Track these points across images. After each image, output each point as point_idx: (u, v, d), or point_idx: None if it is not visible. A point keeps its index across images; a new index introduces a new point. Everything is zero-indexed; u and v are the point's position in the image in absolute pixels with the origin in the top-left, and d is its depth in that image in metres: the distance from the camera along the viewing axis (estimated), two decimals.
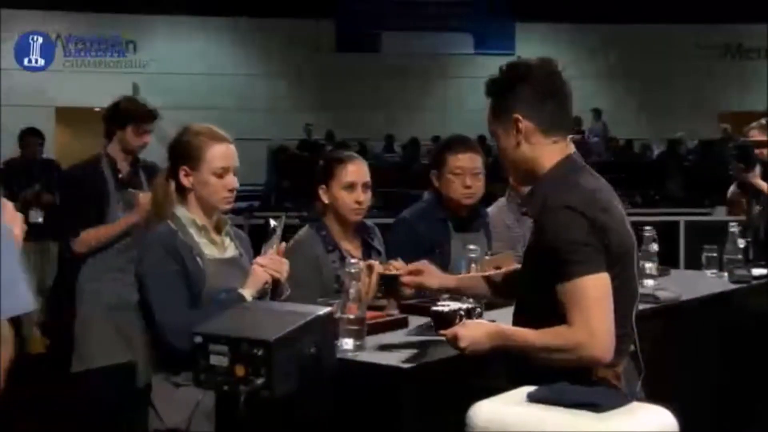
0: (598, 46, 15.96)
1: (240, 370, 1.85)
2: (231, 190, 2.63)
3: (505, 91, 2.16)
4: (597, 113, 15.08)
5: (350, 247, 3.07)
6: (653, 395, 1.99)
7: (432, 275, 2.49)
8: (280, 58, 15.81)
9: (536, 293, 2.08)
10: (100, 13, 14.38)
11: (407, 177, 11.64)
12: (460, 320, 2.18)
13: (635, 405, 1.92)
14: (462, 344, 2.11)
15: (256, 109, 15.29)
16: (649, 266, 3.52)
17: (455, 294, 2.49)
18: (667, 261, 4.33)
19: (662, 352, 2.99)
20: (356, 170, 3.05)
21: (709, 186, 10.17)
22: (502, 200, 3.89)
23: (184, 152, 2.64)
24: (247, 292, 2.47)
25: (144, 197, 3.72)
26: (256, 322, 1.96)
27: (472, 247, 2.80)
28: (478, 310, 2.29)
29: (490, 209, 3.80)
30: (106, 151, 3.90)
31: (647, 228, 3.75)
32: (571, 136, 2.17)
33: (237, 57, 16.04)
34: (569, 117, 2.20)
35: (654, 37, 15.61)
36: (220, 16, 15.51)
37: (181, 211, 2.64)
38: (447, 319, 2.20)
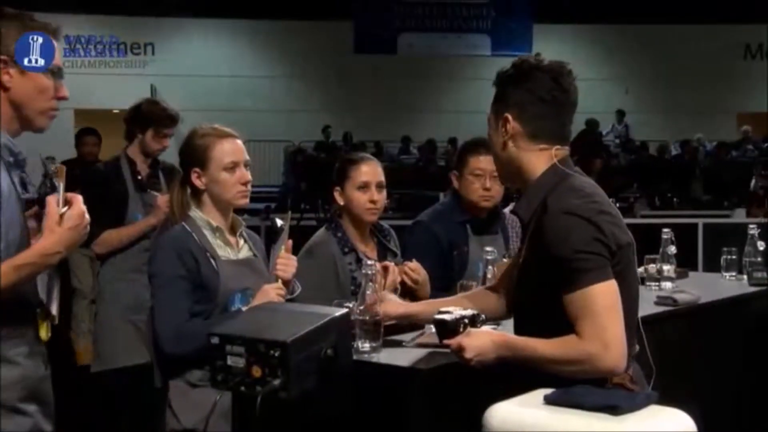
0: (617, 47, 15.89)
1: (257, 371, 1.86)
2: (245, 184, 2.64)
3: (505, 86, 2.10)
4: (620, 114, 14.98)
5: (366, 249, 3.07)
6: (672, 398, 1.98)
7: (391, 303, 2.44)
8: (298, 60, 15.85)
9: (539, 303, 1.99)
10: (119, 16, 14.50)
11: (424, 178, 11.65)
12: (464, 329, 2.07)
13: (654, 408, 1.91)
14: (468, 355, 2.02)
15: (275, 111, 15.35)
16: (667, 268, 3.50)
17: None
18: (686, 263, 4.30)
19: (681, 354, 2.98)
20: (369, 170, 3.05)
21: (728, 188, 10.12)
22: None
23: (193, 155, 2.66)
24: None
25: (162, 199, 3.74)
26: (273, 323, 1.97)
27: (489, 249, 2.79)
28: (483, 317, 2.15)
29: (506, 209, 3.79)
30: (126, 152, 3.93)
31: (665, 230, 3.73)
32: (557, 147, 2.07)
33: (255, 59, 16.10)
34: (564, 126, 2.11)
35: (674, 37, 15.52)
36: (238, 19, 15.58)
37: (195, 213, 2.65)
38: (450, 328, 2.08)
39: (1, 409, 1.84)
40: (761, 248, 3.83)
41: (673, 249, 3.57)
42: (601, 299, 1.89)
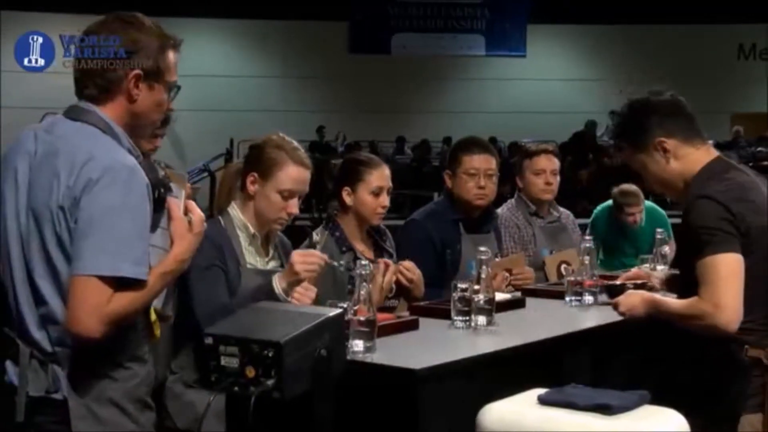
0: (610, 47, 15.92)
1: (250, 372, 1.85)
2: (289, 214, 2.62)
3: (637, 128, 2.47)
4: (614, 115, 15.02)
5: (363, 248, 3.08)
6: (664, 398, 1.99)
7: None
8: (292, 60, 15.84)
9: (685, 269, 2.38)
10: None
11: (418, 178, 11.65)
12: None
13: (647, 407, 1.92)
14: (621, 309, 2.54)
15: (269, 111, 15.32)
16: (661, 268, 3.49)
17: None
18: None
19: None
20: (384, 175, 3.06)
21: None
22: (511, 201, 3.90)
23: (260, 161, 2.62)
24: (279, 282, 2.47)
25: None
26: (267, 323, 1.96)
27: (483, 248, 2.80)
28: (649, 284, 2.86)
29: (500, 210, 3.81)
30: None
31: (659, 230, 3.74)
32: (710, 142, 2.48)
33: (249, 59, 16.08)
34: (698, 126, 2.48)
35: (667, 37, 15.55)
36: (232, 18, 15.56)
37: (235, 212, 2.64)
38: (617, 290, 2.79)
39: (138, 404, 1.91)
40: None
41: (666, 249, 3.58)
42: (721, 267, 2.20)
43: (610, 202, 5.14)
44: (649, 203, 5.14)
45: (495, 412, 1.90)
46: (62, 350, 1.83)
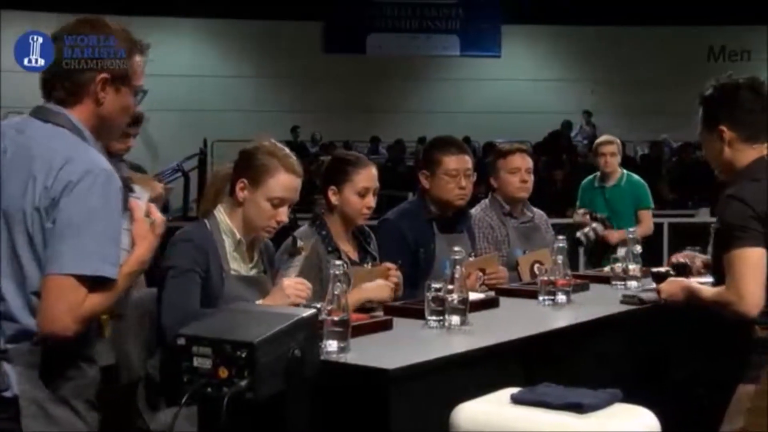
0: (584, 48, 16.02)
1: (223, 372, 1.85)
2: (278, 222, 2.58)
3: (714, 107, 2.66)
4: (588, 115, 15.13)
5: (348, 249, 3.06)
6: (635, 396, 2.01)
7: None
8: (266, 60, 15.77)
9: (716, 261, 2.64)
10: (79, 14, 14.29)
11: (393, 178, 11.64)
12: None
13: (618, 406, 1.93)
14: (663, 296, 2.87)
15: (243, 111, 15.24)
16: (633, 267, 3.53)
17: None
18: (652, 262, 4.35)
19: (647, 352, 3.01)
20: (371, 176, 3.04)
21: (693, 187, 10.25)
22: (485, 202, 3.92)
23: (250, 167, 2.57)
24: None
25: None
26: (240, 324, 1.96)
27: (457, 249, 2.81)
28: (692, 266, 3.13)
29: (474, 210, 3.83)
30: None
31: (630, 230, 3.77)
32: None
33: (222, 59, 15.99)
34: (764, 127, 2.64)
35: (639, 39, 15.67)
36: (205, 18, 15.47)
37: (221, 216, 2.59)
38: (660, 276, 3.05)
39: (87, 404, 1.92)
40: None
41: (638, 248, 3.61)
42: (745, 260, 2.48)
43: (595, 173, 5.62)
44: (636, 178, 5.57)
45: (468, 411, 1.91)
46: (14, 347, 1.83)
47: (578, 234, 5.04)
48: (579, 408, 1.85)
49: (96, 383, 1.97)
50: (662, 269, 3.16)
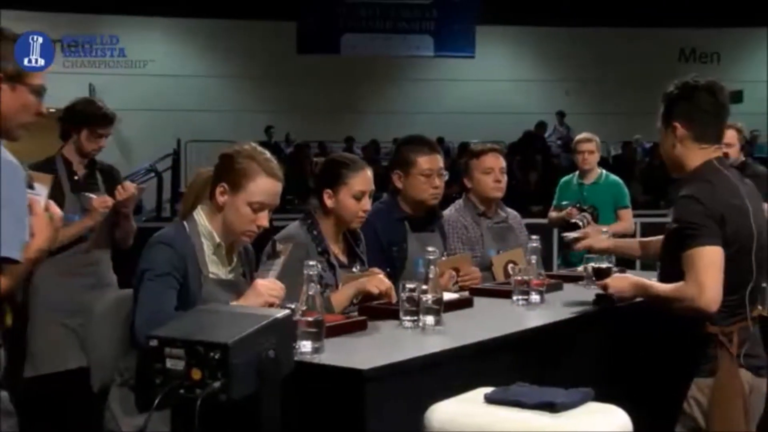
0: (557, 49, 16.12)
1: (196, 374, 1.83)
2: (259, 227, 2.55)
3: (671, 104, 2.69)
4: (561, 116, 15.22)
5: (337, 251, 3.04)
6: (611, 394, 2.02)
7: (598, 239, 3.31)
8: (240, 60, 15.70)
9: (669, 259, 2.64)
10: (54, 12, 14.16)
11: None
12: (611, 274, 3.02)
13: (591, 405, 1.94)
14: (610, 291, 2.86)
15: (217, 111, 15.17)
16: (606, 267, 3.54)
17: (610, 254, 3.32)
18: (623, 262, 4.39)
19: (619, 351, 3.03)
20: (367, 179, 3.02)
21: (664, 188, 10.34)
22: (459, 202, 3.93)
23: (230, 171, 2.52)
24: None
25: (99, 201, 3.67)
26: (213, 324, 1.94)
27: (431, 248, 2.82)
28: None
29: (447, 211, 3.84)
30: (62, 152, 3.83)
31: (604, 229, 3.79)
32: (717, 146, 2.69)
33: (197, 59, 15.89)
34: (720, 131, 2.72)
35: (612, 40, 15.81)
36: (179, 17, 15.36)
37: (200, 218, 2.56)
38: (603, 273, 3.06)
39: None
40: None
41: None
42: (704, 257, 2.49)
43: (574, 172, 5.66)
44: (614, 177, 5.65)
45: (442, 411, 1.91)
46: None
47: (575, 218, 4.97)
48: (552, 407, 1.86)
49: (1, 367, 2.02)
50: (603, 265, 3.16)
